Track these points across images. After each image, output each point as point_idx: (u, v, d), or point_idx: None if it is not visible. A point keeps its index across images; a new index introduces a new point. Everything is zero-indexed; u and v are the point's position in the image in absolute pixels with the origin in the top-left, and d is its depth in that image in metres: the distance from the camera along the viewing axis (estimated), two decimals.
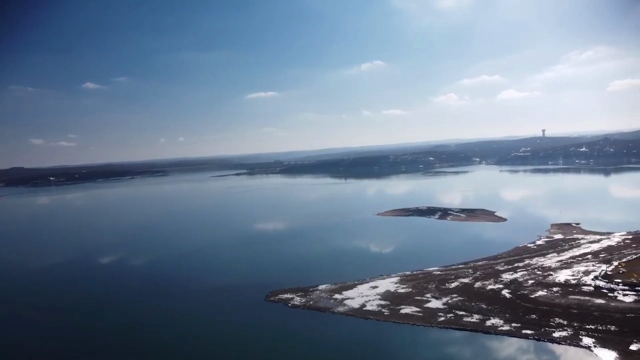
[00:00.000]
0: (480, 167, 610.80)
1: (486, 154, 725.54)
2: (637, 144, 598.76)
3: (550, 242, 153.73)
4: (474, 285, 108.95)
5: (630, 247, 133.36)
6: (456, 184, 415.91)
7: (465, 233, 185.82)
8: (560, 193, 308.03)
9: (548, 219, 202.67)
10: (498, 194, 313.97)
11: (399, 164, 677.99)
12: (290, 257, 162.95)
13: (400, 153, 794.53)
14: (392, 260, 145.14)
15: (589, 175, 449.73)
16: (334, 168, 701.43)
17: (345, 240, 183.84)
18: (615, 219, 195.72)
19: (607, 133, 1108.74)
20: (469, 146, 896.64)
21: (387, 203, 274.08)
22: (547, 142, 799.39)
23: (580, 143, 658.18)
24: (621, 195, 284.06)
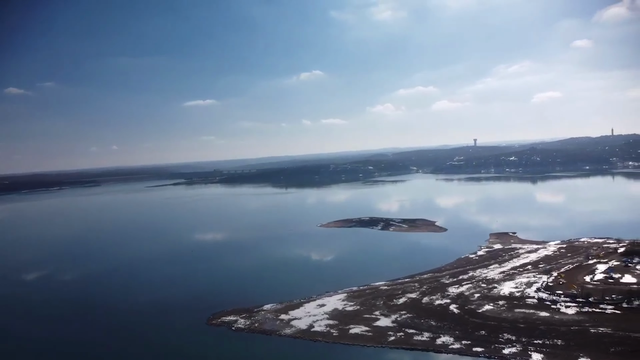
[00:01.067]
0: (417, 176, 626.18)
1: (423, 163, 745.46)
2: (561, 153, 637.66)
3: (490, 252, 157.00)
4: (422, 300, 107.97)
5: (565, 256, 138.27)
6: (396, 193, 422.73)
7: (408, 244, 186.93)
8: (494, 201, 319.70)
9: (486, 228, 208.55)
10: (436, 203, 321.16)
11: (339, 173, 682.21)
12: (232, 273, 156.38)
13: (340, 162, 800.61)
14: (338, 275, 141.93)
15: (519, 183, 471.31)
16: (275, 177, 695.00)
17: (290, 255, 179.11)
18: (547, 226, 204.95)
19: (533, 142, 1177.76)
20: (406, 155, 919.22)
21: (330, 213, 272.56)
22: (479, 151, 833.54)
23: (510, 152, 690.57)
24: (549, 203, 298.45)
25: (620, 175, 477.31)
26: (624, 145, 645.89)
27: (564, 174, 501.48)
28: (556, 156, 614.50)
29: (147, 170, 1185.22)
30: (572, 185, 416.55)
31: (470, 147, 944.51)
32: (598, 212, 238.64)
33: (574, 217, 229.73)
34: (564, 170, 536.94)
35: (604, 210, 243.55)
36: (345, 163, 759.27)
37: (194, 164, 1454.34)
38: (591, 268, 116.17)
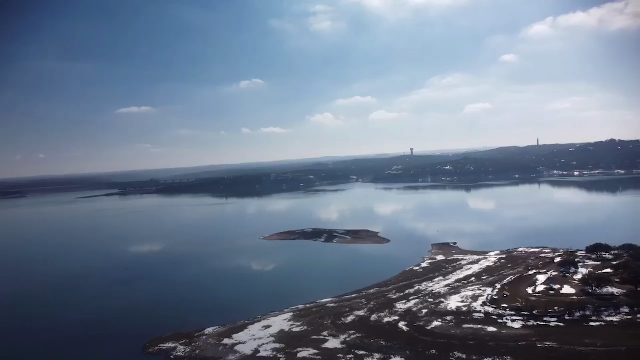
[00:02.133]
0: (357, 185, 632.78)
1: (362, 172, 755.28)
2: (492, 162, 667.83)
3: (434, 263, 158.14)
4: (370, 318, 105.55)
5: (506, 267, 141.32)
6: (337, 203, 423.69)
7: (352, 257, 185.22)
8: (433, 211, 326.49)
9: (427, 238, 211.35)
10: (378, 213, 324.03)
11: (280, 182, 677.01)
12: (170, 292, 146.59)
13: (281, 171, 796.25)
14: (283, 292, 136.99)
15: (454, 191, 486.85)
16: (214, 187, 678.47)
17: (232, 271, 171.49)
18: (485, 236, 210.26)
19: (465, 150, 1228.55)
20: (346, 164, 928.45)
21: (272, 225, 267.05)
22: (415, 160, 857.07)
23: (445, 161, 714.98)
24: (485, 211, 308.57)
25: (547, 183, 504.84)
26: (549, 155, 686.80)
27: (496, 183, 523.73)
28: (488, 165, 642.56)
29: (78, 180, 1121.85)
30: (505, 193, 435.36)
31: (408, 156, 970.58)
32: (531, 220, 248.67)
33: (509, 226, 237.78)
34: (496, 179, 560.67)
35: (536, 218, 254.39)
36: (286, 172, 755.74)
37: (129, 172, 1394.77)
38: (532, 279, 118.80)
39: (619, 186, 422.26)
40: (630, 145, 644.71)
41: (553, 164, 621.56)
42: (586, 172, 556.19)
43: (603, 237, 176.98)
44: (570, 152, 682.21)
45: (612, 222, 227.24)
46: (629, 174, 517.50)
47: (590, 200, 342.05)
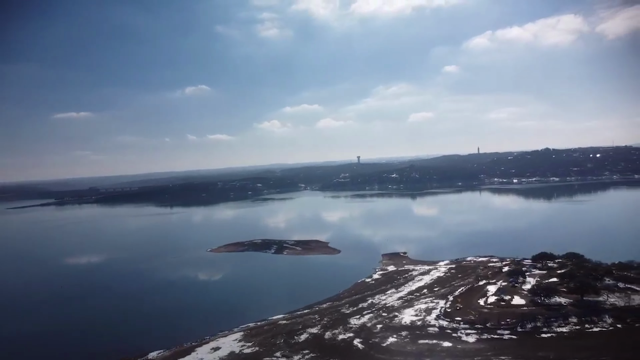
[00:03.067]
0: (306, 193, 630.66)
1: (311, 180, 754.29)
2: (436, 170, 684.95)
3: (385, 275, 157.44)
4: (324, 335, 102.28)
5: (456, 277, 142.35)
6: (287, 212, 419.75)
7: (303, 269, 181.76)
8: (382, 219, 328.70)
9: (378, 248, 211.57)
10: (328, 222, 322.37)
11: (227, 191, 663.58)
12: (109, 314, 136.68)
13: (229, 179, 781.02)
14: (232, 309, 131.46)
15: (401, 199, 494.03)
16: (159, 195, 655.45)
17: (177, 287, 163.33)
18: (434, 245, 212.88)
19: (410, 158, 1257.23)
20: (294, 172, 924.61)
21: (220, 236, 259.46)
22: (362, 168, 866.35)
23: (391, 169, 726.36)
24: (432, 219, 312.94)
25: (488, 190, 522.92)
26: (490, 163, 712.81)
27: (441, 190, 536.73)
28: (433, 173, 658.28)
29: (10, 189, 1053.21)
30: (449, 201, 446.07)
31: (355, 164, 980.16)
32: (476, 228, 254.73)
33: (456, 234, 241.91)
34: (440, 187, 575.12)
35: (481, 226, 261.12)
36: (233, 180, 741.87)
37: (67, 181, 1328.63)
38: (483, 290, 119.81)
39: (554, 193, 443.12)
40: (564, 154, 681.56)
41: (494, 172, 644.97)
42: (524, 180, 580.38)
43: (544, 243, 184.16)
44: (509, 160, 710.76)
45: (551, 229, 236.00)
46: (563, 181, 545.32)
47: (529, 207, 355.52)
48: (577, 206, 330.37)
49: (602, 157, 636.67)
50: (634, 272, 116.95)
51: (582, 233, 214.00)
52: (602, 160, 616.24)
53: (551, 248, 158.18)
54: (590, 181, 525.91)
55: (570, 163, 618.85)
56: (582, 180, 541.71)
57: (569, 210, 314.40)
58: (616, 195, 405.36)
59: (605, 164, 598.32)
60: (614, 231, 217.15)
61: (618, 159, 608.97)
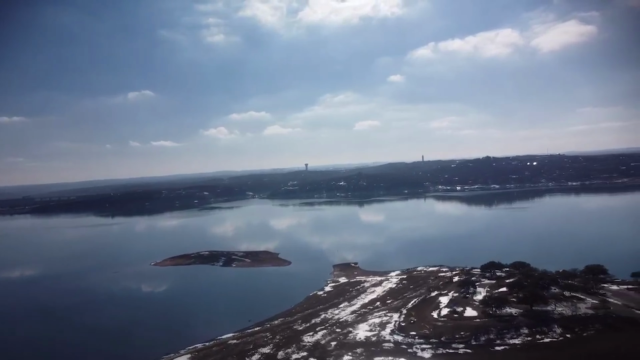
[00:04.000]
0: (254, 202, 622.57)
1: (259, 188, 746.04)
2: (384, 177, 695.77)
3: (338, 287, 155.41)
4: (277, 356, 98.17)
5: (408, 289, 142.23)
6: (235, 221, 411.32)
7: (253, 283, 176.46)
8: (331, 228, 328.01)
9: (328, 258, 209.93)
10: (277, 232, 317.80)
11: (173, 200, 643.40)
12: (36, 337, 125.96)
13: (174, 187, 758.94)
14: (179, 329, 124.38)
15: (349, 207, 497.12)
16: (99, 205, 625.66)
17: (117, 306, 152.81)
18: (384, 254, 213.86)
19: (357, 165, 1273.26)
20: (242, 179, 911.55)
21: (165, 248, 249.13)
22: (311, 176, 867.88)
23: (340, 177, 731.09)
24: (380, 228, 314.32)
25: (433, 197, 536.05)
26: (434, 171, 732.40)
27: (388, 198, 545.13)
28: (380, 181, 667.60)
29: None
30: (397, 208, 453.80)
31: (303, 171, 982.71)
32: (424, 236, 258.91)
33: (405, 242, 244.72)
34: (387, 194, 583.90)
35: (429, 234, 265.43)
36: (179, 188, 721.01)
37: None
38: (435, 302, 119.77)
39: (495, 200, 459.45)
40: (503, 162, 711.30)
41: (438, 180, 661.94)
42: (467, 187, 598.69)
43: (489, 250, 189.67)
44: (452, 168, 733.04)
45: (495, 236, 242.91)
46: (503, 188, 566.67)
47: (473, 214, 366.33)
48: (518, 213, 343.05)
49: (538, 165, 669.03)
50: (578, 280, 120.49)
51: (525, 240, 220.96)
52: (539, 168, 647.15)
53: (496, 256, 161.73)
54: (528, 188, 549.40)
55: (510, 171, 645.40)
56: (520, 187, 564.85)
57: (511, 217, 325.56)
58: (552, 202, 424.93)
59: (542, 171, 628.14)
60: (553, 238, 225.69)
61: (553, 167, 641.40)
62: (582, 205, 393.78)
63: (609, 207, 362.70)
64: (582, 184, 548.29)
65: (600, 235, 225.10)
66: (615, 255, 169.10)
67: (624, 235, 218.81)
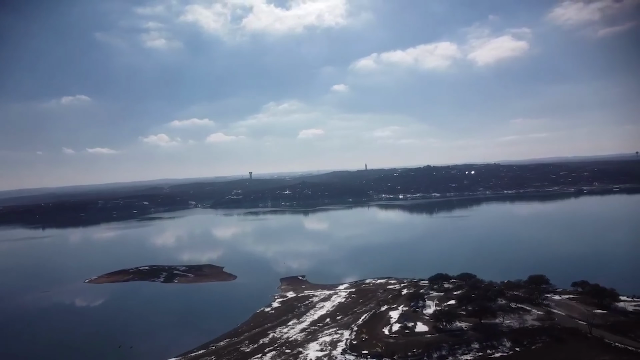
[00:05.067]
0: (197, 211, 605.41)
1: (201, 197, 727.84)
2: (328, 186, 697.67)
3: (285, 303, 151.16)
4: None
5: (358, 303, 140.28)
6: (177, 233, 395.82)
7: (197, 300, 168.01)
8: (277, 239, 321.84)
9: (275, 271, 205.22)
10: (221, 244, 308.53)
11: (110, 210, 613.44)
12: None
13: (111, 196, 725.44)
14: (115, 354, 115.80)
15: (294, 216, 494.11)
16: (28, 216, 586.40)
17: (47, 331, 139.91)
18: (331, 266, 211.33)
19: (302, 173, 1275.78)
20: (183, 188, 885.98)
21: (101, 263, 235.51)
22: (255, 184, 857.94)
23: (284, 186, 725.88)
24: (326, 237, 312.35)
25: (376, 206, 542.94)
26: (377, 179, 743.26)
27: (332, 207, 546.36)
28: (324, 189, 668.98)
29: None
30: (342, 217, 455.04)
31: (247, 179, 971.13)
32: (371, 246, 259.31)
33: (352, 253, 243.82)
34: (332, 203, 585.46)
35: (374, 243, 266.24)
36: (117, 198, 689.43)
37: None
38: (386, 317, 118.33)
39: (436, 208, 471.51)
40: (443, 171, 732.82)
41: (381, 188, 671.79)
42: (409, 196, 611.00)
43: (434, 260, 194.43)
44: (395, 177, 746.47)
45: (439, 245, 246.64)
46: (444, 197, 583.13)
47: (416, 223, 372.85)
48: (459, 222, 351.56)
49: (476, 174, 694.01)
50: (523, 291, 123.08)
51: (467, 249, 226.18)
52: (476, 177, 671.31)
53: (441, 265, 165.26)
54: (467, 197, 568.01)
55: (449, 179, 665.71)
56: (459, 196, 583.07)
57: (453, 226, 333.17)
58: (490, 210, 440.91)
59: (479, 180, 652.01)
60: (494, 246, 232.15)
61: (490, 176, 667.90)
62: (518, 213, 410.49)
63: (542, 214, 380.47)
64: (517, 192, 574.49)
65: (538, 243, 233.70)
66: (554, 263, 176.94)
67: (559, 242, 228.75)
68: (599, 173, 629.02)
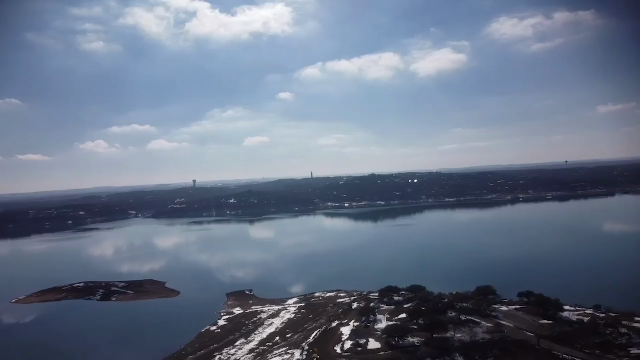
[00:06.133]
0: (137, 221, 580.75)
1: (142, 206, 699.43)
2: (274, 195, 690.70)
3: (232, 320, 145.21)
4: None
5: (308, 319, 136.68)
6: (115, 245, 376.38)
7: (137, 320, 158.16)
8: (223, 250, 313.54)
9: (221, 285, 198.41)
10: (164, 256, 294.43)
11: (42, 221, 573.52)
12: None
13: (44, 206, 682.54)
14: None
15: (240, 225, 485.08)
16: None
17: None
18: (279, 278, 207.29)
19: (247, 181, 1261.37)
20: (123, 197, 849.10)
21: (31, 280, 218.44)
22: (199, 193, 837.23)
23: (229, 194, 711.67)
24: (273, 247, 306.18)
25: (323, 215, 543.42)
26: (323, 187, 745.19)
27: (279, 215, 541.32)
28: (270, 198, 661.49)
29: None
30: (289, 226, 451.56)
31: (190, 187, 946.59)
32: (317, 254, 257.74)
33: (299, 263, 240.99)
34: (278, 212, 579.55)
35: (322, 253, 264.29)
36: (50, 207, 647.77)
37: None
38: (337, 333, 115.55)
39: (381, 216, 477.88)
40: (387, 179, 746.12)
41: (327, 197, 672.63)
42: (355, 204, 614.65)
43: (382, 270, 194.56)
44: (340, 185, 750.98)
45: (385, 255, 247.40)
46: (388, 205, 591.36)
47: (361, 232, 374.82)
48: (404, 231, 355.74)
49: (418, 182, 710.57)
50: (471, 303, 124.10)
51: (413, 258, 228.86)
52: (419, 185, 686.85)
53: (388, 275, 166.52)
54: (411, 204, 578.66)
55: (393, 187, 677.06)
56: (403, 204, 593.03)
57: (398, 235, 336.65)
58: (433, 218, 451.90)
59: (422, 188, 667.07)
60: (439, 255, 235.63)
61: (432, 184, 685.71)
62: (460, 220, 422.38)
63: (483, 222, 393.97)
64: (458, 200, 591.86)
65: (482, 251, 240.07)
66: (498, 271, 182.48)
67: (501, 250, 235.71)
68: (532, 181, 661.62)
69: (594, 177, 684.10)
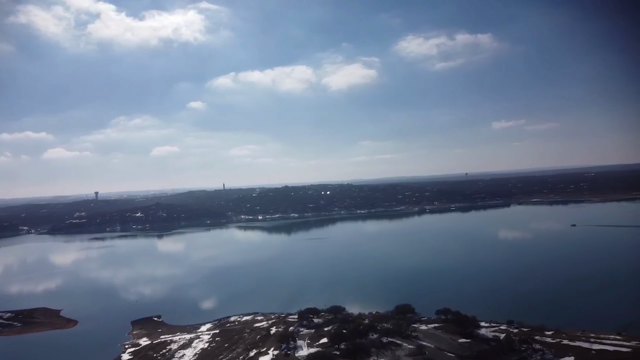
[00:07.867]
0: (29, 238, 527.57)
1: (36, 221, 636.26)
2: (184, 208, 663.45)
3: (138, 353, 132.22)
4: None
5: (223, 348, 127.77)
6: (1, 267, 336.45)
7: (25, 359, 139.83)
8: (127, 269, 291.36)
9: (125, 312, 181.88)
10: (59, 280, 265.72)
11: None
12: None
13: None
14: None
15: (147, 240, 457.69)
16: None
17: None
18: (190, 300, 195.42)
19: (154, 192, 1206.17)
20: (13, 211, 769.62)
21: None
22: (101, 206, 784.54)
23: (136, 208, 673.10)
24: (181, 263, 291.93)
25: (236, 228, 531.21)
26: (236, 200, 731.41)
27: (189, 230, 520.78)
28: (180, 211, 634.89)
29: None
30: (199, 240, 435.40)
31: (92, 200, 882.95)
32: (230, 271, 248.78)
33: (211, 282, 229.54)
34: (189, 225, 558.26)
35: (234, 269, 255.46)
36: None
37: None
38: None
39: (294, 229, 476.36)
40: (300, 191, 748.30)
41: (240, 209, 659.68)
42: (268, 217, 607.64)
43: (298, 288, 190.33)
44: (253, 197, 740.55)
45: (300, 271, 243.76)
46: (302, 217, 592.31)
47: (275, 246, 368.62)
48: (318, 244, 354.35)
49: (331, 194, 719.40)
50: (392, 323, 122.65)
51: (328, 274, 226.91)
52: (332, 197, 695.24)
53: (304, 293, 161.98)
54: (324, 217, 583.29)
55: (307, 200, 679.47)
56: (317, 216, 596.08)
57: (312, 249, 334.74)
58: (346, 230, 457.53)
59: (334, 200, 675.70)
60: (354, 271, 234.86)
61: (344, 196, 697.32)
62: (371, 232, 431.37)
63: (393, 233, 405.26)
64: (369, 212, 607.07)
65: (395, 264, 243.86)
66: (413, 286, 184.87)
67: (413, 263, 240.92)
68: (437, 193, 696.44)
69: (491, 189, 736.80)
